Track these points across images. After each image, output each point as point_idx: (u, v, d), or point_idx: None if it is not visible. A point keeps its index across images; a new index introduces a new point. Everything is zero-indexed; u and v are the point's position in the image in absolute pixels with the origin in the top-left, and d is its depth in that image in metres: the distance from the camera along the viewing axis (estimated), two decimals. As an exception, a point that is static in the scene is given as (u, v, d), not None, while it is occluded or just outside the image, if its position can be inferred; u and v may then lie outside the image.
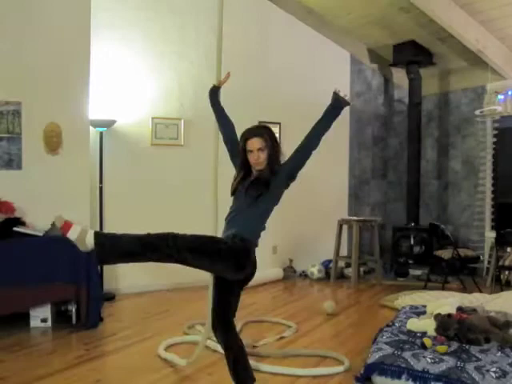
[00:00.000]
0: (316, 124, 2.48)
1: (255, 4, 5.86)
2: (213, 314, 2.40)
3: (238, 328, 3.82)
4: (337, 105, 2.52)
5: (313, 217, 6.25)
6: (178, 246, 2.11)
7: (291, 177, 2.45)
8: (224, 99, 2.77)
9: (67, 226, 2.15)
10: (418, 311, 3.32)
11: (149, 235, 2.11)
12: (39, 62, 4.27)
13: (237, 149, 2.50)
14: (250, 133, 2.39)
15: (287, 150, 2.54)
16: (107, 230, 5.01)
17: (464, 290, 5.20)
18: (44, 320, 3.91)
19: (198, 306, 4.03)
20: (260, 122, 5.78)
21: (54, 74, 4.30)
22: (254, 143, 2.35)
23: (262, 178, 2.40)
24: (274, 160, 2.40)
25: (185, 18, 5.40)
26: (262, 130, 2.41)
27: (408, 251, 6.36)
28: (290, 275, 6.12)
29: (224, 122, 2.66)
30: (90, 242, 2.07)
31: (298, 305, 4.81)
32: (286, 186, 2.48)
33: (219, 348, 3.24)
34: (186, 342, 3.53)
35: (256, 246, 2.41)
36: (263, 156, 2.36)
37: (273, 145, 2.40)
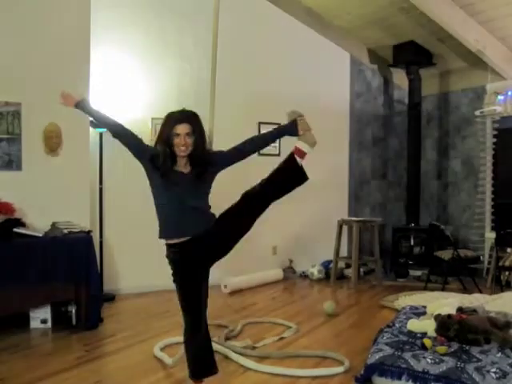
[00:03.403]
0: (261, 136, 2.61)
1: (255, 5, 5.86)
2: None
3: (238, 328, 3.86)
4: (290, 130, 2.47)
5: (313, 217, 6.24)
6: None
7: (219, 169, 2.48)
8: (224, 100, 2.77)
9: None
10: (418, 312, 3.31)
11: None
12: (39, 62, 4.27)
13: (137, 141, 2.48)
14: (181, 118, 2.35)
15: (286, 152, 2.53)
16: (107, 231, 5.02)
17: (464, 290, 5.20)
18: (44, 321, 3.91)
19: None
20: (260, 123, 5.81)
21: (54, 74, 4.30)
22: (183, 128, 2.32)
23: (203, 168, 2.39)
24: (201, 147, 2.38)
25: (184, 19, 5.40)
26: (192, 117, 2.38)
27: (408, 252, 6.36)
28: (290, 276, 6.11)
29: (114, 128, 2.53)
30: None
31: (298, 305, 4.81)
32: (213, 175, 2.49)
33: (218, 348, 3.25)
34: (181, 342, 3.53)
35: None
36: (190, 141, 2.34)
37: (200, 131, 2.39)
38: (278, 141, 5.88)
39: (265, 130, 5.23)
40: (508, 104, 5.82)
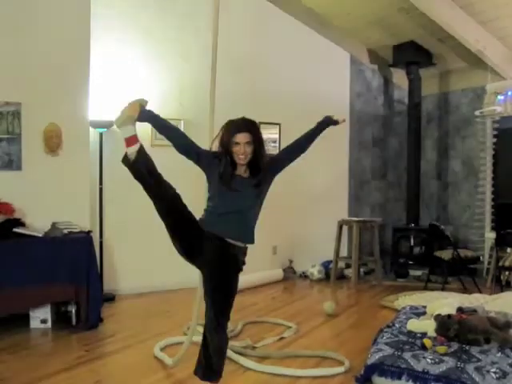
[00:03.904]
0: (305, 135, 2.63)
1: (255, 4, 5.86)
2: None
3: (238, 328, 3.86)
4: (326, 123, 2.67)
5: (313, 217, 6.24)
6: (171, 203, 2.34)
7: (274, 174, 2.52)
8: (224, 100, 2.77)
9: (133, 141, 2.32)
10: (418, 312, 3.31)
11: (165, 181, 2.37)
12: (39, 62, 4.27)
13: (197, 150, 2.47)
14: (241, 127, 2.37)
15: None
16: (107, 230, 5.02)
17: (464, 290, 5.20)
18: (44, 321, 3.91)
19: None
20: (260, 123, 5.81)
21: (54, 74, 4.30)
22: (243, 137, 2.34)
23: (260, 175, 2.42)
24: (260, 156, 2.41)
25: (184, 19, 5.40)
26: (251, 126, 2.41)
27: (408, 252, 6.36)
28: (290, 276, 6.11)
29: (176, 136, 2.51)
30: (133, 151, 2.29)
31: (297, 305, 4.81)
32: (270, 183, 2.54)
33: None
34: (182, 342, 3.53)
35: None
36: (249, 150, 2.36)
37: (260, 141, 2.41)
38: (278, 141, 5.93)
39: (265, 129, 5.26)
40: (508, 104, 5.82)
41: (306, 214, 6.20)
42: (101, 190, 4.92)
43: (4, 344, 3.49)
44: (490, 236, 5.88)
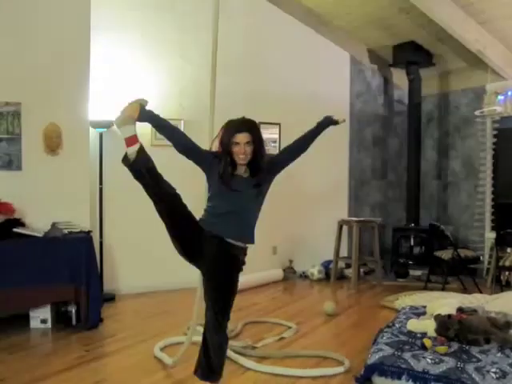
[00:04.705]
0: (305, 135, 2.63)
1: (255, 5, 5.86)
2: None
3: (238, 329, 3.86)
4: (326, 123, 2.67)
5: (313, 217, 6.24)
6: (172, 203, 2.34)
7: (274, 174, 2.53)
8: (224, 100, 2.77)
9: (133, 141, 2.31)
10: (418, 312, 3.32)
11: (165, 181, 2.37)
12: (39, 62, 4.27)
13: (197, 150, 2.46)
14: (241, 127, 2.37)
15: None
16: (107, 231, 5.02)
17: (464, 290, 5.20)
18: (44, 321, 3.91)
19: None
20: (260, 123, 5.81)
21: (54, 74, 4.30)
22: (243, 137, 2.35)
23: (260, 175, 2.42)
24: (260, 156, 2.41)
25: (184, 19, 5.40)
26: (251, 126, 2.41)
27: (408, 252, 6.35)
28: (290, 276, 6.11)
29: (176, 136, 2.49)
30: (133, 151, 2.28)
31: (298, 305, 4.81)
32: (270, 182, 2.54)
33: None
34: (182, 342, 3.53)
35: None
36: (249, 150, 2.36)
37: (260, 141, 2.42)
38: (278, 141, 5.93)
39: (265, 129, 5.26)
40: (508, 104, 5.82)
41: (306, 214, 6.20)
42: (101, 189, 4.92)
43: (4, 344, 3.49)
44: (490, 236, 5.88)
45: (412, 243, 6.34)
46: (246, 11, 5.76)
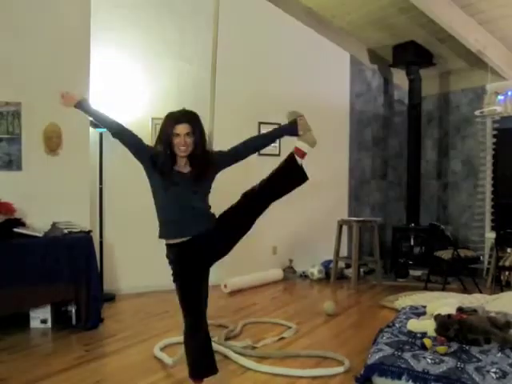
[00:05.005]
0: (262, 136, 2.65)
1: (255, 5, 5.86)
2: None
3: (237, 329, 3.85)
4: (290, 130, 2.49)
5: (313, 217, 6.24)
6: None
7: (218, 170, 2.49)
8: (224, 100, 2.77)
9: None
10: (418, 312, 3.32)
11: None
12: (39, 62, 4.27)
13: (137, 141, 2.48)
14: (181, 118, 2.35)
15: (286, 152, 2.53)
16: (107, 231, 5.02)
17: (464, 290, 5.20)
18: (44, 321, 3.91)
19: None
20: (260, 123, 5.81)
21: (54, 74, 4.30)
22: (183, 128, 2.33)
23: (202, 167, 2.39)
24: (200, 147, 2.39)
25: (184, 19, 5.40)
26: (191, 117, 2.39)
27: (408, 252, 6.36)
28: (290, 276, 6.11)
29: (114, 127, 2.49)
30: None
31: (297, 305, 4.81)
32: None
33: (218, 348, 3.25)
34: (181, 342, 3.53)
35: None
36: (190, 141, 2.34)
37: (200, 132, 2.40)
38: (278, 141, 5.91)
39: (265, 130, 5.26)
40: (508, 104, 5.82)
41: (306, 214, 6.20)
42: (101, 189, 4.92)
43: (4, 344, 3.49)
44: (490, 236, 5.88)
45: (412, 243, 6.35)
46: (246, 11, 5.76)
